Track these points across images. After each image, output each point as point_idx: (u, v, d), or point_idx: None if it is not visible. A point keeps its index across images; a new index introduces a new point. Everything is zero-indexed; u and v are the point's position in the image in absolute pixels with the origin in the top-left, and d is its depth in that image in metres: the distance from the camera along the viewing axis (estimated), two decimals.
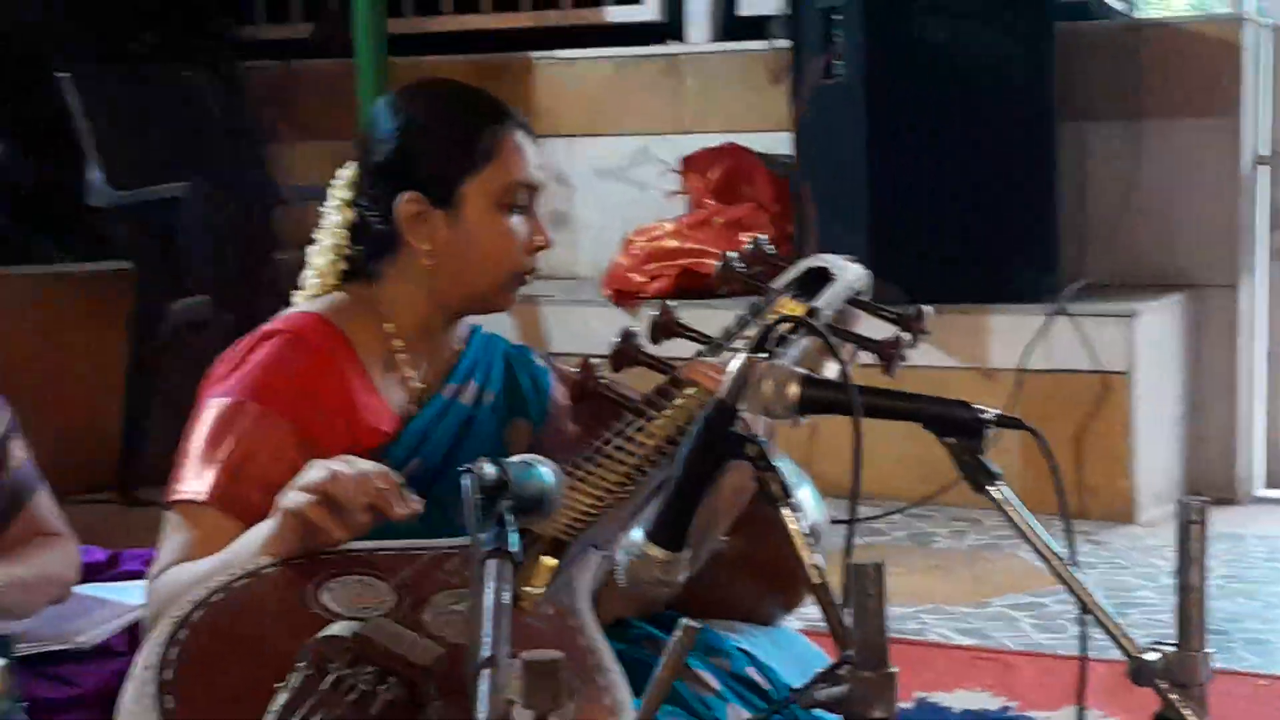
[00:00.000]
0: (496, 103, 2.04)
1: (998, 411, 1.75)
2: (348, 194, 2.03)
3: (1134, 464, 3.94)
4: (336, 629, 1.52)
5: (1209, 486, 4.24)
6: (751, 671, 2.00)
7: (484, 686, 1.18)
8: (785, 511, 1.54)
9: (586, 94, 5.21)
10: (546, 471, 1.53)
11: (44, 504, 2.30)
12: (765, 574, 2.21)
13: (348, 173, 2.05)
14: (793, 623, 3.12)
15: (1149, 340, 4.01)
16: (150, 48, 5.45)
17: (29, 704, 2.05)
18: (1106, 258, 4.29)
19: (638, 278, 4.57)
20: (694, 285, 4.33)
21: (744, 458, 1.53)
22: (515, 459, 1.57)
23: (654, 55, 5.13)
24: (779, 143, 4.62)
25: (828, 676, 1.40)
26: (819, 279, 2.41)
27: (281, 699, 1.45)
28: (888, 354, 2.27)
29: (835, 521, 3.97)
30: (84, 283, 4.69)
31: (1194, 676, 1.64)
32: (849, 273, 2.43)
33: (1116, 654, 1.65)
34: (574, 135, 5.25)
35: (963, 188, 4.11)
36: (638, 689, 1.82)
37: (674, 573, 1.56)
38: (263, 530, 1.69)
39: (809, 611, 3.17)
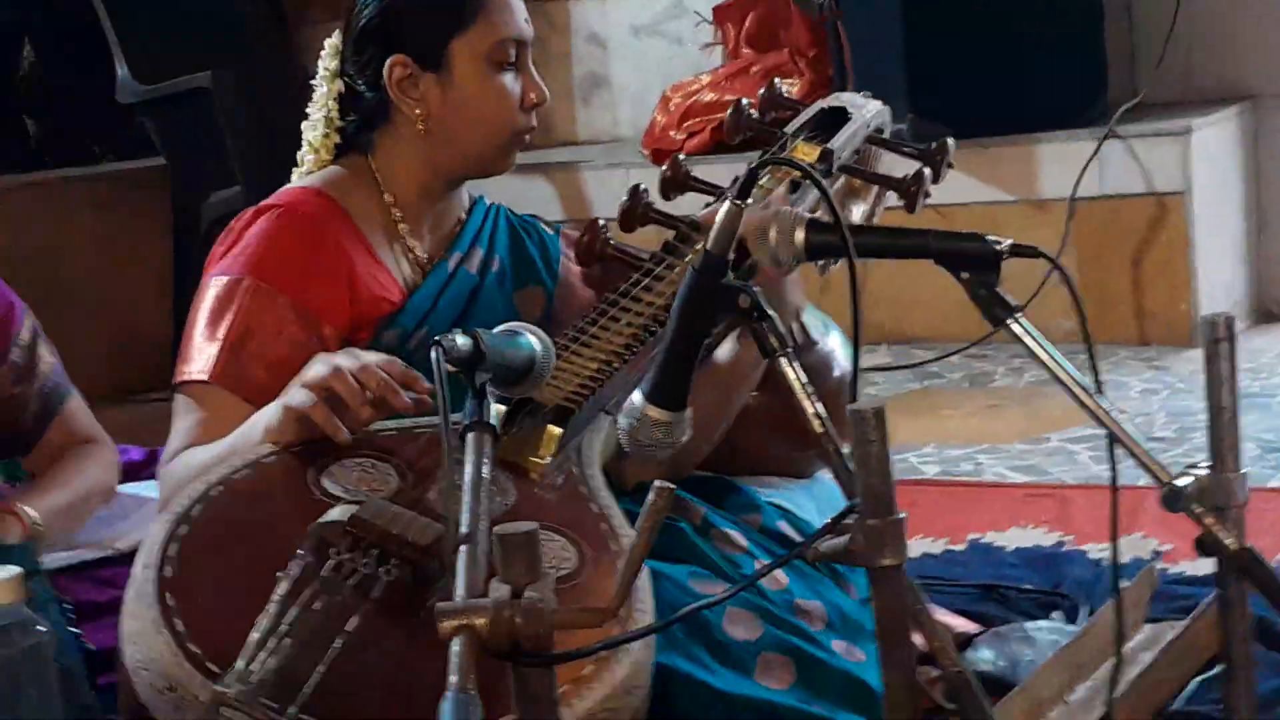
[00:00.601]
0: None
1: (1010, 241, 1.67)
2: (335, 63, 1.99)
3: (1195, 286, 3.82)
4: (334, 514, 1.49)
5: (1278, 303, 4.13)
6: (784, 525, 1.97)
7: (461, 561, 1.15)
8: (783, 361, 1.48)
9: None
10: (533, 340, 1.48)
11: (78, 409, 2.29)
12: (797, 426, 2.17)
13: (334, 40, 2.01)
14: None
15: (1205, 158, 3.87)
16: None
17: (73, 606, 2.06)
18: (1159, 75, 4.13)
19: (676, 135, 4.48)
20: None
21: (736, 309, 1.47)
22: (500, 328, 1.53)
23: None
24: None
25: (833, 527, 1.35)
26: (836, 119, 2.33)
27: (282, 588, 1.43)
28: (908, 191, 2.19)
29: (887, 368, 3.93)
30: (124, 181, 4.68)
31: (1230, 498, 1.58)
32: (867, 110, 2.34)
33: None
34: None
35: (1002, 15, 3.96)
36: (663, 550, 1.80)
37: (676, 433, 1.51)
38: (264, 419, 1.66)
39: None
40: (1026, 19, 3.97)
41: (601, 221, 2.05)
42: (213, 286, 1.86)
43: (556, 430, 1.67)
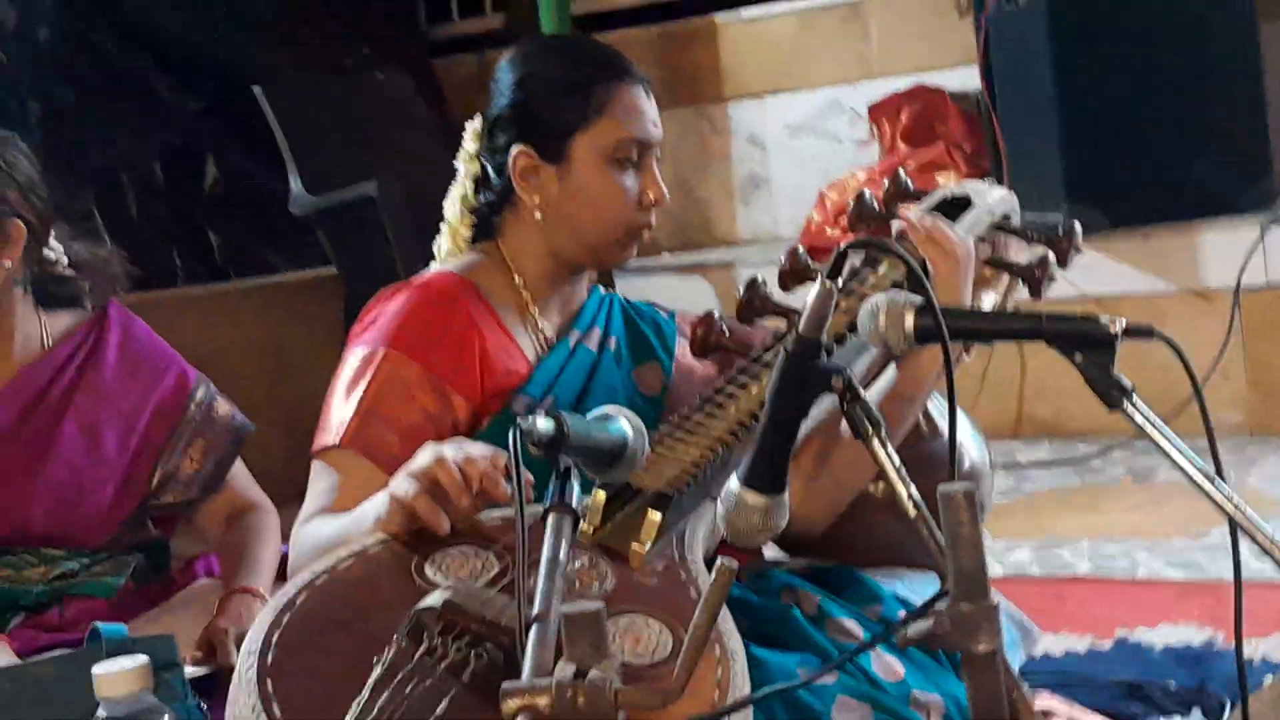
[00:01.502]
0: (614, 58, 2.03)
1: (1125, 321, 1.63)
2: (474, 146, 2.05)
3: None
4: (431, 599, 1.50)
5: None
6: (904, 615, 1.92)
7: (532, 639, 1.15)
8: (875, 444, 1.45)
9: (772, 51, 5.14)
10: (624, 424, 1.48)
11: (243, 473, 2.37)
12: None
13: (475, 124, 2.06)
14: (995, 569, 3.02)
15: None
16: (359, 58, 5.61)
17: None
18: None
19: (832, 231, 4.48)
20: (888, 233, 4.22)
21: (830, 390, 1.46)
22: (594, 412, 1.53)
23: (836, 3, 5.02)
24: (970, 78, 4.48)
25: (923, 612, 1.31)
26: (961, 208, 2.31)
27: (377, 671, 1.44)
28: (1033, 277, 2.15)
29: (1046, 464, 3.83)
30: (299, 289, 4.83)
31: None
32: (990, 197, 2.31)
33: None
34: (763, 94, 5.19)
35: (1161, 101, 3.91)
36: (775, 639, 1.78)
37: (774, 518, 1.50)
38: (375, 508, 1.69)
39: (1016, 556, 3.06)
40: (1187, 104, 3.91)
41: (717, 313, 2.06)
42: (351, 358, 1.93)
43: (657, 516, 1.66)
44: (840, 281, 2.11)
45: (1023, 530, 3.28)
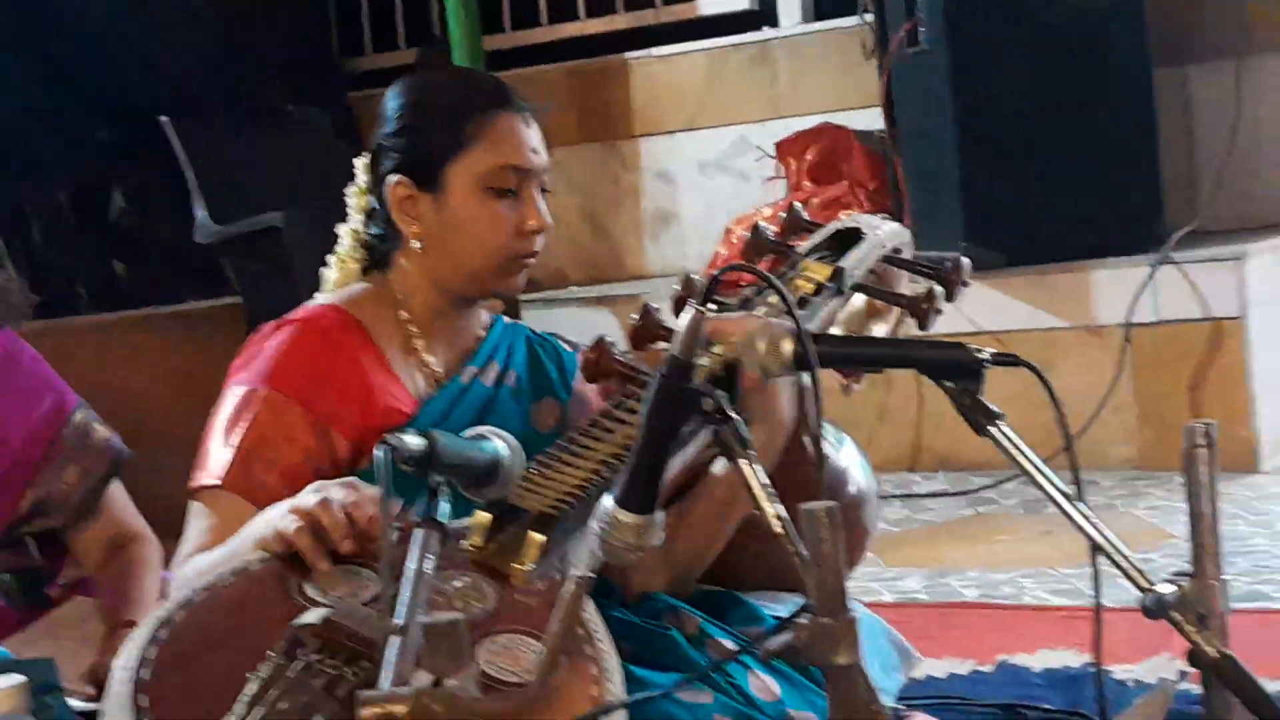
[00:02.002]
0: (492, 86, 2.03)
1: (993, 350, 1.68)
2: (365, 180, 2.06)
3: (1254, 411, 3.78)
4: (309, 616, 1.52)
5: None
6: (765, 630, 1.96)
7: (391, 652, 1.17)
8: (744, 465, 1.49)
9: (683, 89, 5.21)
10: (499, 444, 1.51)
11: (125, 500, 2.37)
12: None
13: (364, 159, 2.07)
14: (885, 595, 3.07)
15: (1262, 282, 3.84)
16: (271, 91, 5.62)
17: None
18: (1218, 202, 4.14)
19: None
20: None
21: (701, 413, 1.49)
22: (470, 431, 1.56)
23: (745, 43, 5.10)
24: (874, 119, 4.55)
25: (784, 626, 1.35)
26: (853, 240, 2.36)
27: (251, 688, 1.46)
28: (920, 309, 2.19)
29: (942, 494, 3.90)
30: (203, 318, 4.81)
31: (1211, 606, 1.56)
32: (882, 231, 2.36)
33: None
34: (674, 131, 5.25)
35: (1057, 144, 4.01)
36: (656, 660, 1.81)
37: (647, 537, 1.53)
38: (258, 531, 1.70)
39: (906, 584, 3.11)
40: (1082, 146, 4.00)
41: (610, 339, 2.09)
42: (230, 396, 1.92)
43: (539, 538, 1.68)
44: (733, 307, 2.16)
45: (915, 559, 3.34)
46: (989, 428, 1.69)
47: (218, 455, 1.89)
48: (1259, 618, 2.68)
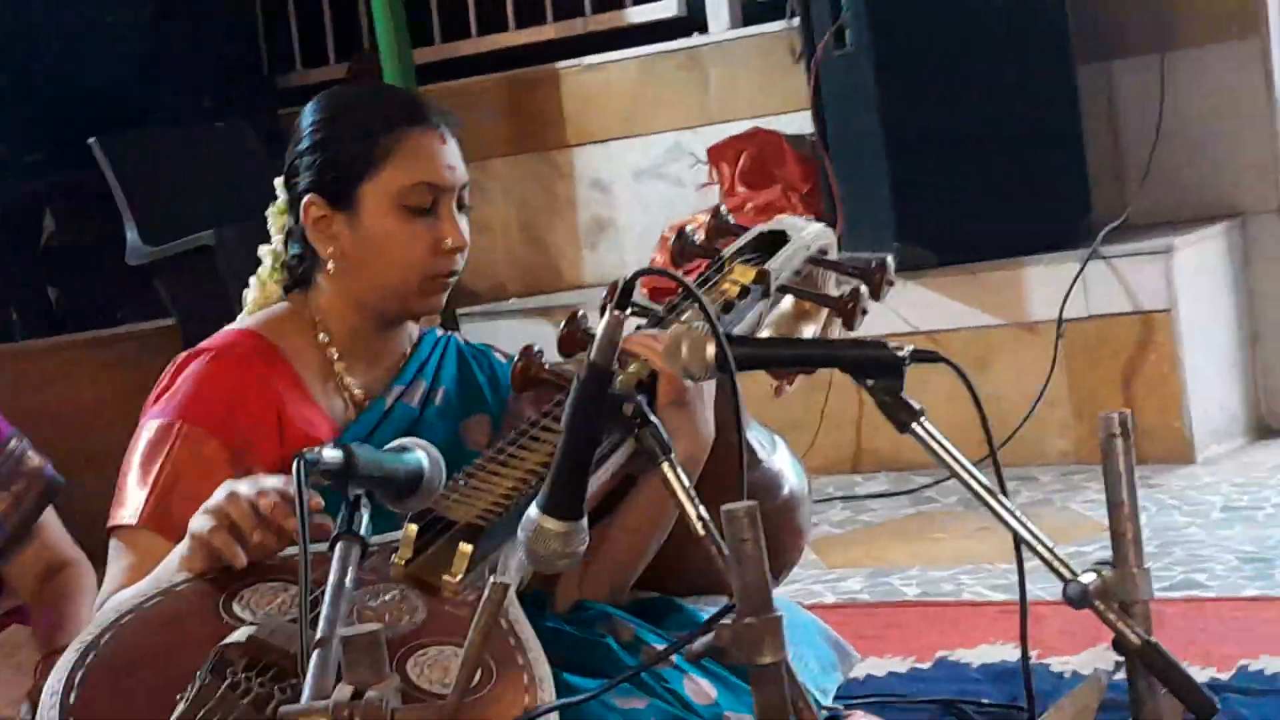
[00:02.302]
0: (406, 103, 2.01)
1: (911, 348, 1.70)
2: (284, 199, 2.04)
3: (1186, 403, 3.82)
4: (236, 635, 1.52)
5: (1277, 416, 4.11)
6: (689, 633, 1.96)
7: (312, 664, 1.17)
8: (665, 467, 1.50)
9: (616, 98, 5.21)
10: (421, 455, 1.51)
11: (58, 528, 2.35)
12: None
13: (282, 178, 2.06)
14: (827, 596, 3.08)
15: (1190, 275, 3.89)
16: (201, 109, 5.59)
17: None
18: (1145, 196, 4.17)
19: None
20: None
21: (621, 418, 1.50)
22: (394, 443, 1.56)
23: (675, 50, 5.11)
24: (805, 122, 4.58)
25: (709, 627, 1.36)
26: (778, 242, 2.37)
27: (180, 709, 1.45)
28: (845, 309, 2.21)
29: (883, 495, 3.92)
30: (138, 341, 4.78)
31: (1134, 594, 1.57)
32: (807, 232, 2.38)
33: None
34: (608, 140, 5.25)
35: (985, 142, 4.03)
36: (590, 667, 1.81)
37: (573, 544, 1.54)
38: (179, 550, 1.70)
39: (847, 585, 3.13)
40: (1009, 143, 4.03)
41: (537, 347, 2.09)
42: (146, 431, 1.90)
43: (468, 548, 1.68)
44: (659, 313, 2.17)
45: (856, 560, 3.36)
46: (911, 425, 1.70)
47: (135, 494, 1.86)
48: (1193, 605, 2.71)
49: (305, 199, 1.94)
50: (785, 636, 1.37)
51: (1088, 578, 1.59)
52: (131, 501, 1.86)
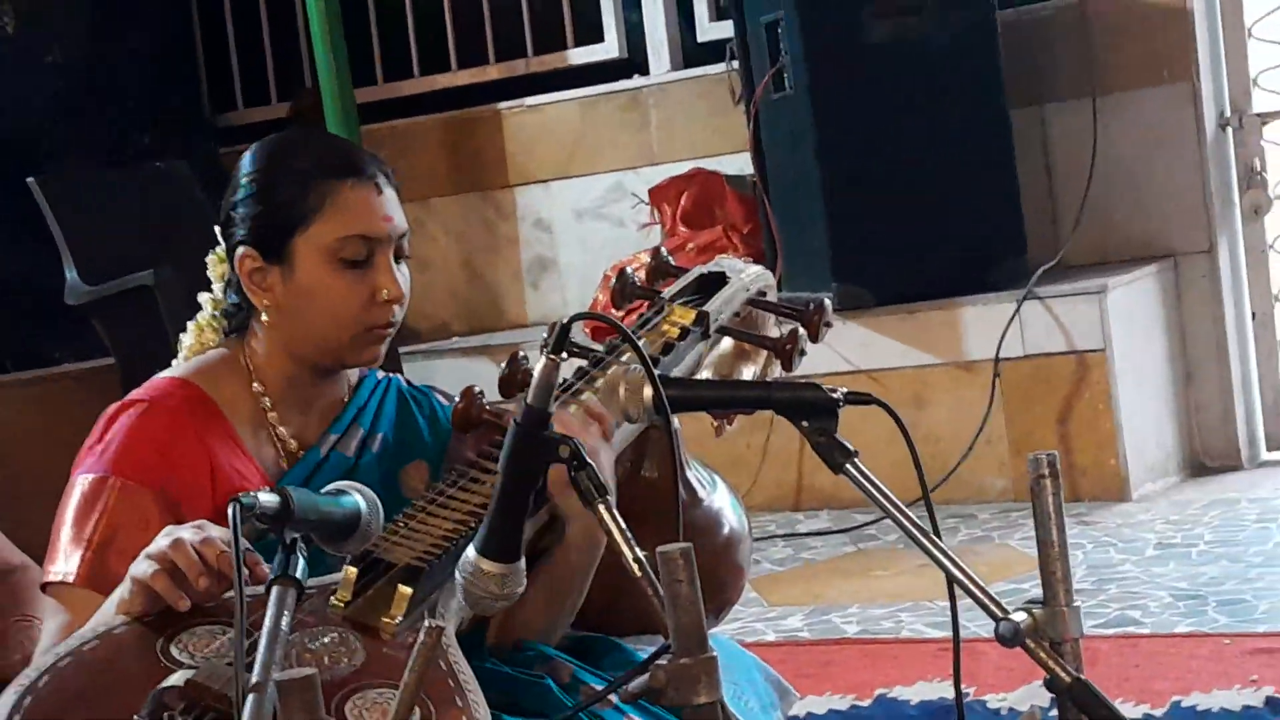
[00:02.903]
0: (340, 154, 1.97)
1: (845, 390, 1.72)
2: (224, 247, 2.03)
3: (1121, 441, 3.87)
4: (173, 679, 1.52)
5: (1211, 454, 4.17)
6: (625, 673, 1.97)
7: (248, 708, 1.17)
8: (602, 508, 1.52)
9: (557, 138, 5.24)
10: (357, 498, 1.52)
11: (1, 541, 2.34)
12: None
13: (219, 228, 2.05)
14: (770, 634, 3.10)
15: (1123, 314, 3.95)
16: (140, 147, 5.58)
17: None
18: (1079, 237, 4.24)
19: (616, 313, 4.55)
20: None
21: (558, 459, 1.52)
22: (330, 487, 1.56)
23: (616, 91, 5.15)
24: (745, 163, 4.62)
25: (644, 668, 1.37)
26: (717, 284, 2.39)
27: None
28: (784, 350, 2.23)
29: (824, 532, 3.94)
30: (76, 381, 4.76)
31: (1064, 632, 1.60)
32: (746, 274, 2.41)
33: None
34: (549, 180, 5.28)
35: (920, 185, 4.09)
36: (529, 709, 1.81)
37: (510, 585, 1.55)
38: (117, 594, 1.69)
39: (788, 622, 3.15)
40: (945, 185, 4.08)
41: (478, 388, 2.09)
42: (79, 486, 1.87)
43: (407, 590, 1.68)
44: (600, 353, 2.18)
45: (798, 598, 3.38)
46: (845, 465, 1.72)
47: (69, 551, 1.84)
48: (1128, 642, 2.75)
49: (239, 251, 1.92)
50: (720, 677, 1.38)
51: (1019, 616, 1.61)
52: (68, 560, 1.83)
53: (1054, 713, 2.28)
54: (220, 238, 2.02)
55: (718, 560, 2.40)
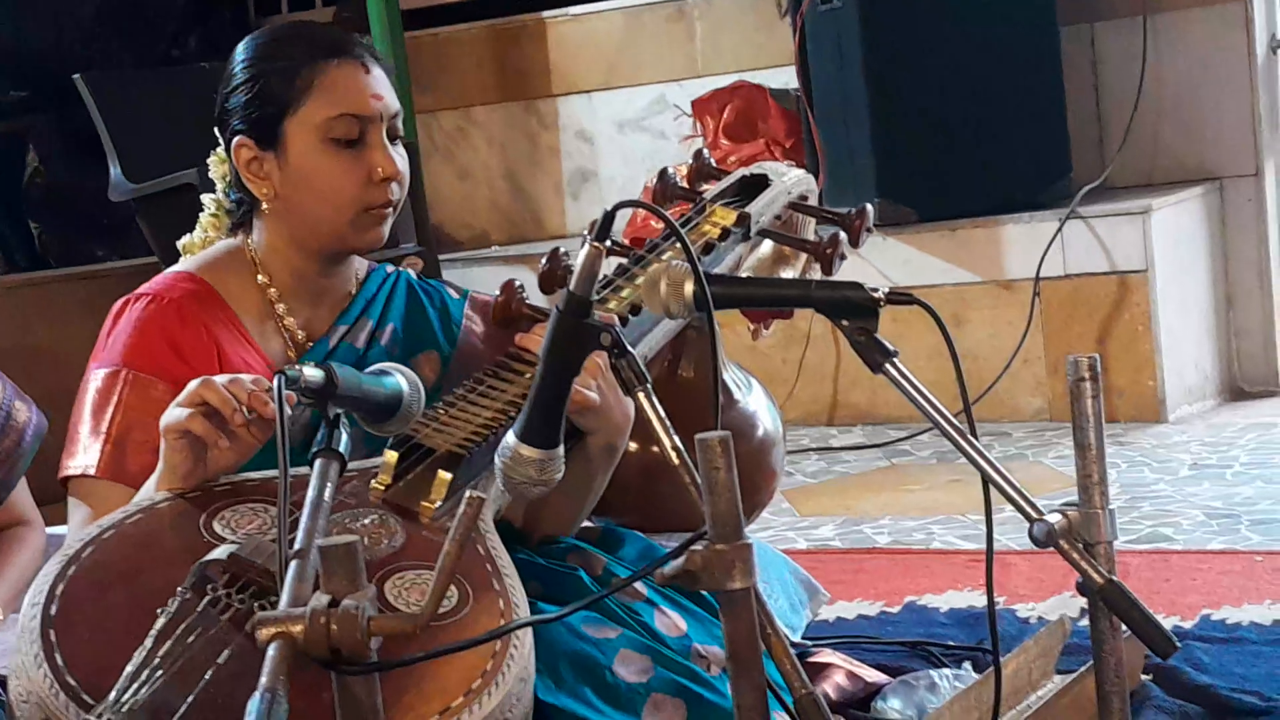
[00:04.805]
0: (324, 37, 1.97)
1: (888, 288, 1.72)
2: (223, 146, 2.02)
3: (1160, 363, 3.86)
4: (216, 552, 1.54)
5: (1250, 379, 4.16)
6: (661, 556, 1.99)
7: (290, 574, 1.19)
8: (642, 396, 1.53)
9: (600, 48, 5.22)
10: (400, 379, 1.53)
11: (24, 491, 2.36)
12: None
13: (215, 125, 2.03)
14: (800, 542, 3.12)
15: (1166, 237, 3.92)
16: (186, 49, 5.58)
17: None
18: (1125, 158, 4.21)
19: (656, 224, 4.56)
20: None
21: (599, 346, 1.52)
22: (374, 367, 1.58)
23: (661, 2, 5.11)
24: (790, 77, 4.59)
25: (680, 552, 1.38)
26: (759, 187, 2.40)
27: (159, 622, 1.47)
28: (824, 254, 2.23)
29: (858, 447, 3.95)
30: (119, 279, 4.78)
31: (1098, 535, 1.60)
32: (788, 178, 2.41)
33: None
34: (592, 91, 5.26)
35: (967, 101, 4.06)
36: (562, 599, 1.84)
37: (549, 471, 1.56)
38: (156, 473, 1.71)
39: (820, 532, 3.17)
40: (991, 102, 4.05)
41: (519, 283, 2.11)
42: (93, 380, 1.89)
43: (447, 476, 1.71)
44: (638, 254, 2.20)
45: (829, 509, 3.39)
46: (884, 364, 1.73)
47: (89, 444, 1.86)
48: (1159, 557, 2.75)
49: (235, 141, 1.93)
50: (756, 563, 1.40)
51: (1053, 517, 1.62)
52: (87, 452, 1.86)
53: (1082, 622, 2.30)
54: (218, 135, 2.01)
55: (751, 462, 2.43)
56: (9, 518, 2.32)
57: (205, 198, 2.05)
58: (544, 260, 2.16)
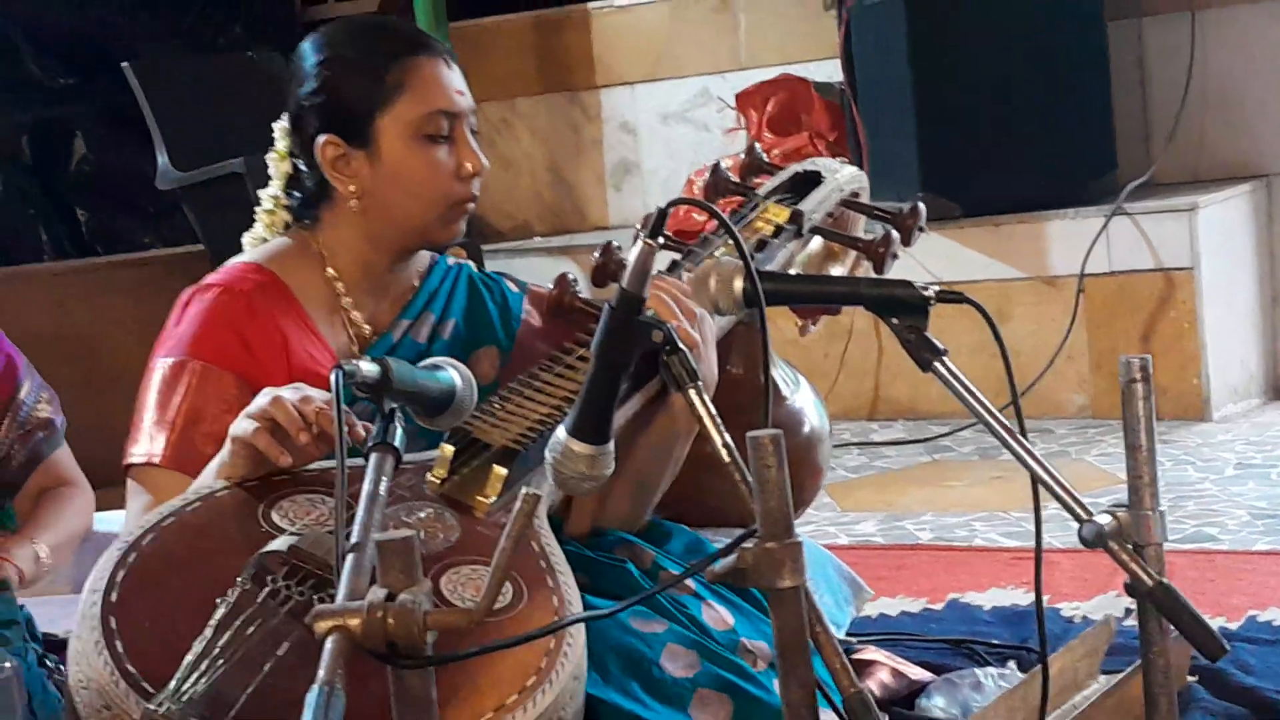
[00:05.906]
0: (407, 34, 2.00)
1: (938, 287, 1.73)
2: (285, 144, 2.02)
3: (1205, 361, 3.85)
4: (276, 544, 1.56)
5: None
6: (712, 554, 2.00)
7: (347, 567, 1.21)
8: (692, 393, 1.54)
9: (644, 40, 5.23)
10: (453, 374, 1.54)
11: (63, 455, 2.39)
12: None
13: (283, 122, 2.03)
14: (841, 538, 3.13)
15: (1213, 233, 3.91)
16: (232, 37, 5.62)
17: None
18: (1171, 154, 4.19)
19: (699, 216, 4.57)
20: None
21: (650, 344, 1.54)
22: (427, 362, 1.59)
23: None
24: (834, 70, 4.59)
25: (731, 550, 1.39)
26: (812, 183, 2.39)
27: (220, 612, 1.49)
28: (876, 253, 2.23)
29: (899, 442, 3.95)
30: (165, 265, 4.82)
31: (1148, 536, 1.60)
32: (841, 175, 2.41)
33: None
34: (635, 83, 5.27)
35: (1011, 95, 4.05)
36: (611, 592, 1.85)
37: (599, 467, 1.57)
38: (218, 460, 1.73)
39: (861, 528, 3.17)
40: (1037, 97, 4.04)
41: (572, 276, 2.11)
42: (159, 370, 1.91)
43: (502, 471, 1.72)
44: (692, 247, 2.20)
45: (871, 504, 3.40)
46: (933, 363, 1.73)
47: (153, 433, 1.88)
48: (1204, 557, 2.75)
49: (321, 140, 1.93)
50: (805, 562, 1.41)
51: (1103, 519, 1.62)
52: (153, 441, 1.88)
53: (1128, 622, 2.30)
54: (283, 135, 2.02)
55: (797, 458, 2.42)
56: (53, 479, 2.35)
57: (263, 193, 2.06)
58: (596, 253, 2.17)
